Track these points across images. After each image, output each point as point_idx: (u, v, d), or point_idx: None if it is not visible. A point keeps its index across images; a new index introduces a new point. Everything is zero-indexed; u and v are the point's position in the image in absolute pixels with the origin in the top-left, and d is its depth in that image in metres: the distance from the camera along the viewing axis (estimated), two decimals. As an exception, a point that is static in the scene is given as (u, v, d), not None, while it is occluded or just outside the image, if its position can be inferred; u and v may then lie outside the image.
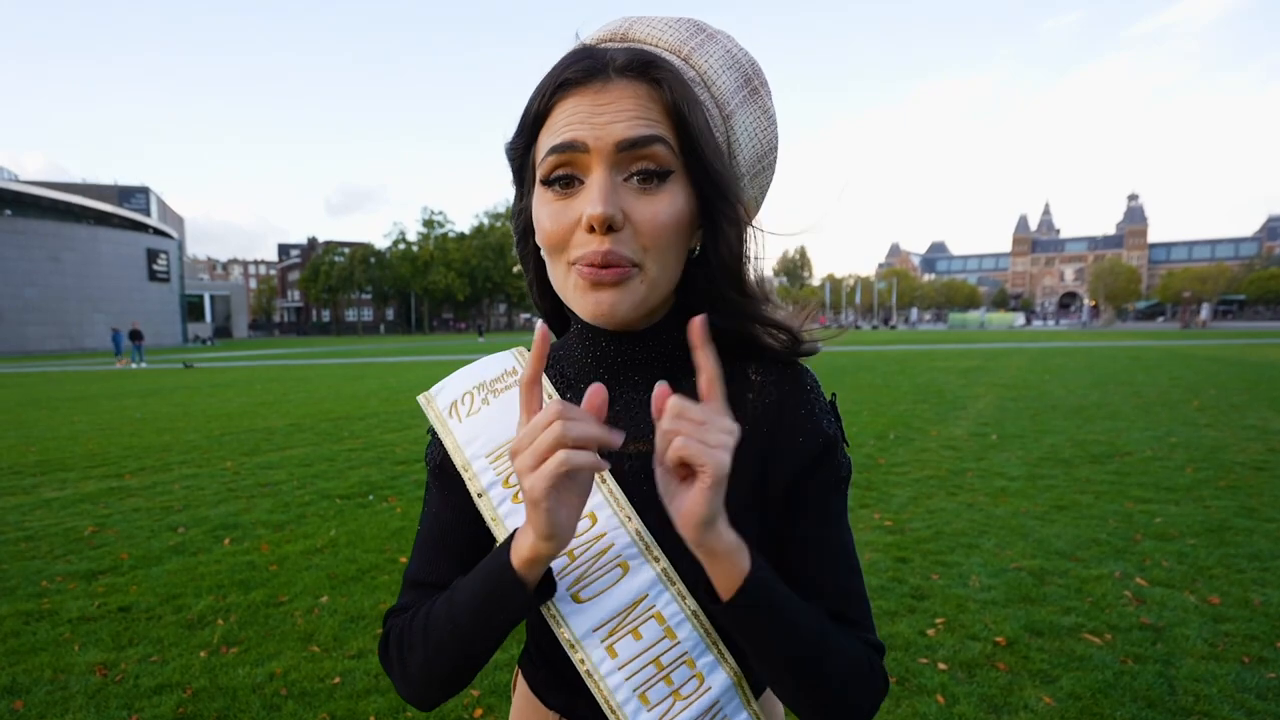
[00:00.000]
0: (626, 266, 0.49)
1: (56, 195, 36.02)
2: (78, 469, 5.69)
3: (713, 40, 0.55)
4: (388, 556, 3.49)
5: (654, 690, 0.54)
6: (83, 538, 3.88)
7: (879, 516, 4.00)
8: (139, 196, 50.85)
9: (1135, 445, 5.90)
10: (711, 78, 0.54)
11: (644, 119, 0.48)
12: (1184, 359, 16.05)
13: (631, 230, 0.49)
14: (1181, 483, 4.59)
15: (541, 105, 0.51)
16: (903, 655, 2.41)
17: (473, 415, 0.60)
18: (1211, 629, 2.54)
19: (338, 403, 9.97)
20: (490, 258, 65.99)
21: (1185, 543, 3.44)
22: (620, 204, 0.48)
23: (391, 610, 0.62)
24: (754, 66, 0.56)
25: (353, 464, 5.65)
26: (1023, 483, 4.72)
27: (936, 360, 16.99)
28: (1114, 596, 2.83)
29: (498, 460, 0.58)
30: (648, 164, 0.49)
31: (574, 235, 0.50)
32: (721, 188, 0.51)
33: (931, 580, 3.04)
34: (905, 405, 8.65)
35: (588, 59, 0.50)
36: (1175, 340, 25.96)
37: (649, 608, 0.54)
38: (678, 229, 0.51)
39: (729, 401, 0.55)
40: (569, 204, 0.50)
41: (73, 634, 2.69)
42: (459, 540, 0.60)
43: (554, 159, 0.49)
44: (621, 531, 0.55)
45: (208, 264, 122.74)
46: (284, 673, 2.36)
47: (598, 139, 0.48)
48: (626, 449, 0.57)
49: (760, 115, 0.56)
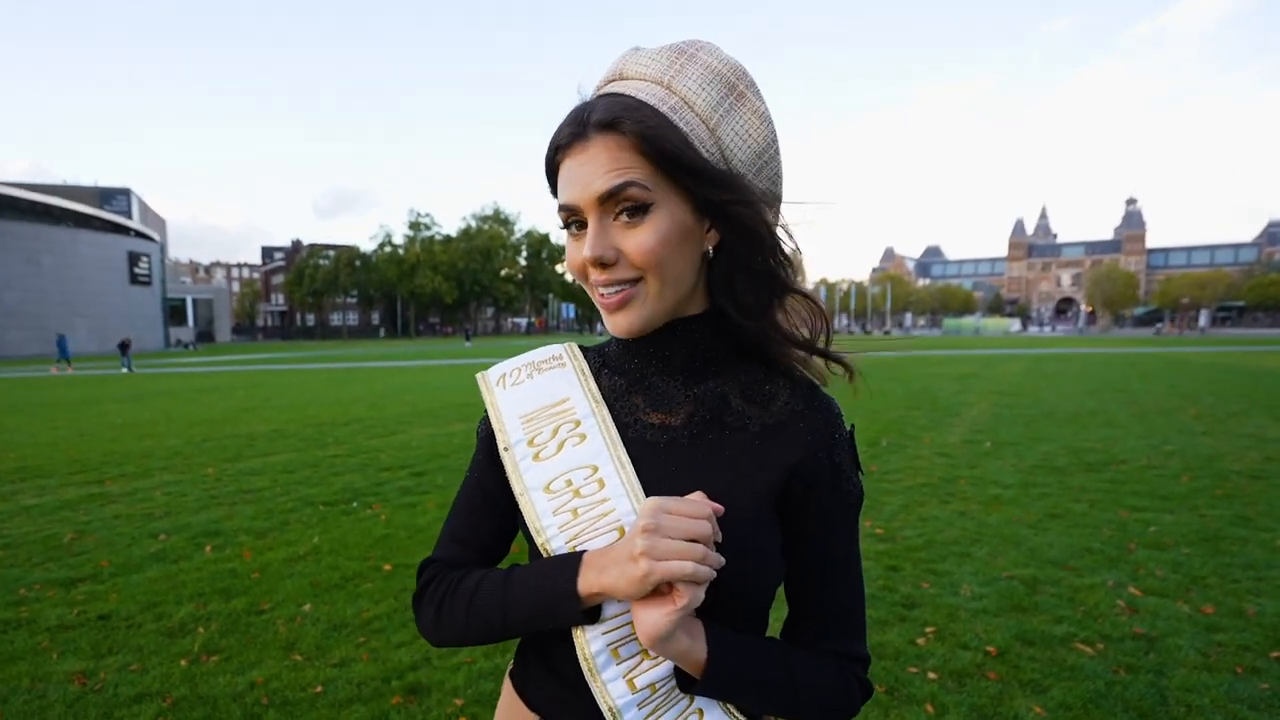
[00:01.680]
0: (628, 287, 0.60)
1: (35, 197, 35.76)
2: (58, 475, 5.68)
3: (692, 61, 0.60)
4: (371, 564, 3.50)
5: (625, 648, 0.60)
6: (62, 545, 3.87)
7: (870, 524, 4.05)
8: (120, 198, 50.59)
9: (1131, 453, 5.97)
10: (692, 98, 0.60)
11: (615, 170, 0.58)
12: (1181, 366, 16.25)
13: (625, 261, 0.60)
14: (1177, 491, 4.65)
15: (550, 167, 0.63)
16: (892, 664, 2.44)
17: (517, 385, 0.71)
18: (1205, 639, 2.57)
19: (321, 408, 9.96)
20: (478, 261, 65.95)
21: (1180, 552, 3.49)
22: (611, 242, 0.59)
23: (428, 560, 0.72)
24: (736, 72, 0.61)
25: (336, 470, 5.66)
26: (1016, 491, 4.78)
27: (930, 366, 17.14)
28: (1107, 606, 2.87)
29: (529, 422, 0.68)
30: (627, 203, 0.58)
31: (587, 268, 0.62)
32: (717, 188, 0.59)
33: (922, 589, 3.08)
34: (898, 412, 8.71)
35: (573, 124, 0.60)
36: (1154, 347, 26.22)
37: None
38: (667, 246, 0.59)
39: (759, 402, 0.66)
40: (579, 244, 0.62)
41: (51, 642, 2.69)
42: (496, 507, 0.70)
43: (564, 214, 0.62)
44: (624, 499, 0.62)
45: (190, 267, 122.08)
46: (265, 681, 2.37)
47: (584, 198, 0.59)
48: (652, 418, 0.66)
49: (750, 116, 0.61)
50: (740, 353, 0.67)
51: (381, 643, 2.65)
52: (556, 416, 0.67)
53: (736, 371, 0.67)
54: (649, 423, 0.66)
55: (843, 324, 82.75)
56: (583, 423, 0.66)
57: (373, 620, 2.85)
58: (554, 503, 0.63)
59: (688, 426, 0.65)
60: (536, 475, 0.65)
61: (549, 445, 0.66)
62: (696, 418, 0.65)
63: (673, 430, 0.65)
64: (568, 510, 0.62)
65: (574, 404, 0.67)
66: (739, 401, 0.65)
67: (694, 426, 0.65)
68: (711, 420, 0.65)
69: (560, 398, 0.68)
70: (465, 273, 65.77)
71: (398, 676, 2.40)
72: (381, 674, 2.42)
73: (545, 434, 0.66)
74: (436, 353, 29.67)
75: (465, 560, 0.71)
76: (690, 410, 0.65)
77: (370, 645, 2.64)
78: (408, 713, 2.20)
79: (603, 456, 0.64)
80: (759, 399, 0.66)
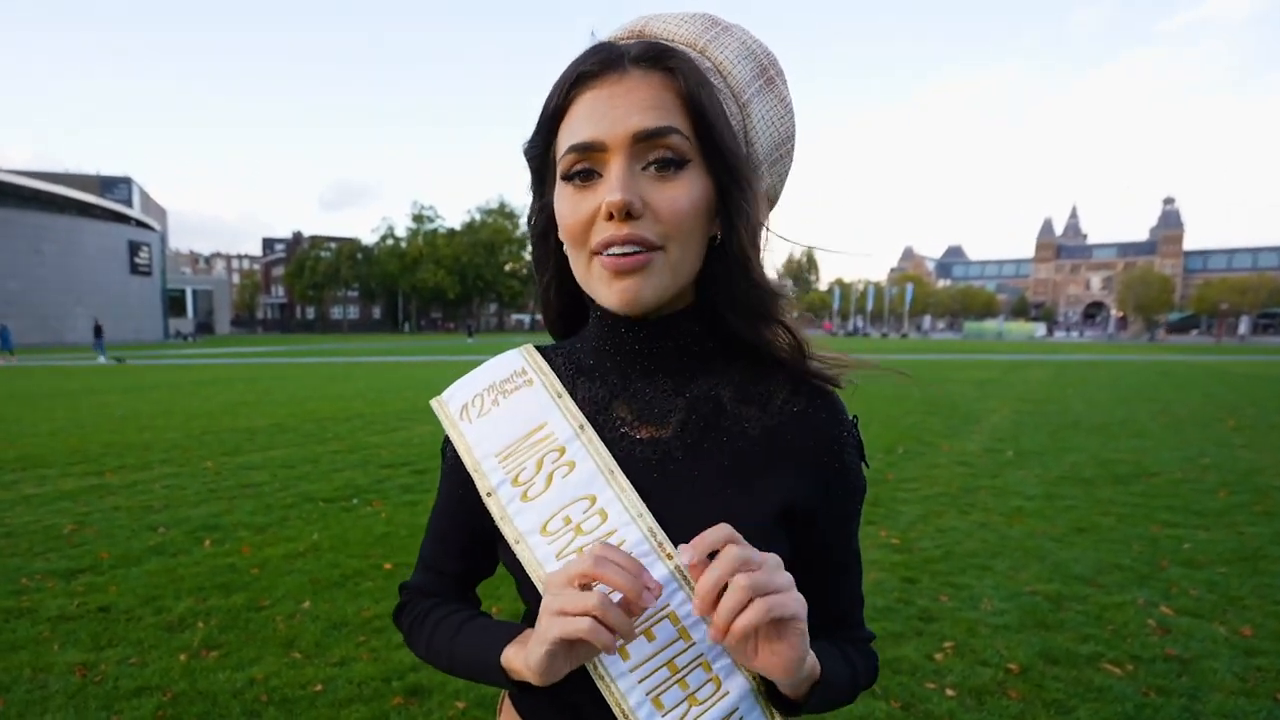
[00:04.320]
0: (648, 251, 0.53)
1: (39, 185, 36.47)
2: (58, 465, 5.79)
3: (728, 33, 0.59)
4: (372, 562, 3.55)
5: (668, 694, 0.55)
6: (62, 535, 3.96)
7: (885, 534, 4.03)
8: (121, 187, 51.41)
9: (1163, 466, 5.89)
10: (727, 68, 0.58)
11: (659, 109, 0.52)
12: (1219, 375, 15.99)
13: (651, 216, 0.53)
14: (1213, 507, 4.59)
15: (560, 100, 0.55)
16: (908, 679, 2.43)
17: (484, 416, 0.64)
18: (1243, 662, 2.53)
19: (322, 403, 10.06)
20: (481, 255, 66.05)
21: (1216, 570, 3.44)
22: (639, 191, 0.52)
23: (405, 584, 0.72)
24: (769, 57, 0.60)
25: (336, 466, 5.73)
26: (1040, 502, 4.74)
27: (950, 371, 16.97)
28: (1137, 625, 2.84)
29: (507, 459, 0.62)
30: (664, 153, 0.52)
31: (594, 224, 0.54)
32: (737, 174, 0.55)
33: (940, 602, 3.07)
34: (915, 418, 8.64)
35: (604, 52, 0.54)
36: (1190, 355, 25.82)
37: (662, 607, 0.55)
38: (695, 214, 0.54)
39: (756, 402, 0.62)
40: (589, 195, 0.54)
41: (52, 633, 2.76)
42: (462, 537, 0.67)
43: (573, 156, 0.54)
44: (632, 528, 0.57)
45: (190, 258, 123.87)
46: (265, 678, 2.42)
47: (614, 134, 0.52)
48: (639, 433, 0.61)
49: (777, 104, 0.60)
50: (730, 350, 0.62)
51: (382, 642, 2.69)
52: (537, 446, 0.61)
53: (728, 370, 0.63)
54: (637, 438, 0.61)
55: (858, 326, 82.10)
56: (567, 449, 0.60)
57: (373, 619, 2.89)
58: (555, 545, 0.58)
59: (680, 437, 0.60)
60: (529, 518, 0.59)
61: (536, 481, 0.60)
62: (689, 425, 0.60)
63: (665, 444, 0.60)
64: (572, 551, 0.57)
65: (553, 429, 0.61)
66: (734, 403, 0.61)
67: (688, 436, 0.60)
68: (706, 427, 0.60)
69: (536, 424, 0.62)
70: (468, 267, 65.92)
71: (398, 677, 2.44)
72: (382, 674, 2.46)
73: (529, 469, 0.61)
74: (438, 348, 29.87)
75: (438, 589, 0.69)
76: (682, 418, 0.60)
77: (371, 645, 2.67)
78: (408, 714, 2.24)
79: (598, 483, 0.59)
80: (755, 399, 0.62)
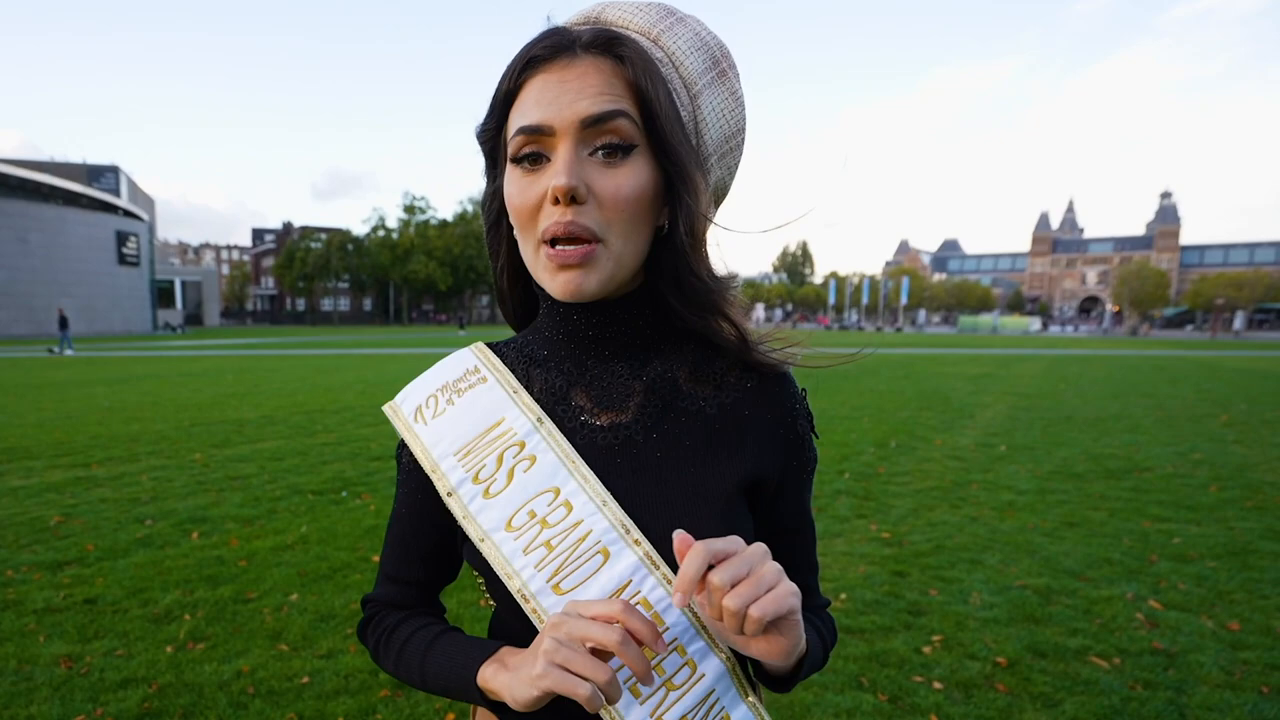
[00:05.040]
0: (591, 242, 0.54)
1: (25, 174, 35.99)
2: (44, 457, 5.77)
3: (681, 23, 0.59)
4: (360, 555, 3.56)
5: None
6: (48, 527, 3.95)
7: (876, 528, 4.06)
8: (108, 176, 50.87)
9: (1155, 461, 5.94)
10: (679, 58, 0.58)
11: (608, 94, 0.53)
12: (1213, 370, 16.10)
13: (595, 202, 0.53)
14: (1204, 502, 4.64)
15: (511, 84, 0.56)
16: (896, 673, 2.45)
17: (439, 417, 0.64)
18: (1229, 656, 2.57)
19: (311, 395, 10.04)
20: (474, 247, 65.66)
21: (1205, 565, 3.48)
22: (584, 177, 0.53)
23: (368, 597, 0.71)
24: (722, 49, 0.60)
25: (326, 459, 5.73)
26: (1031, 497, 4.78)
27: (944, 365, 17.05)
28: (1125, 619, 2.87)
29: (466, 458, 0.61)
30: (611, 138, 0.53)
31: (541, 209, 0.55)
32: (683, 164, 0.55)
33: (930, 596, 3.10)
34: (908, 412, 8.69)
35: (555, 36, 0.55)
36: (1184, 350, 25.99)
37: (634, 594, 0.56)
38: (640, 202, 0.55)
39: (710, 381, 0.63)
40: (536, 179, 0.55)
41: (38, 625, 2.77)
42: (424, 543, 0.67)
43: (522, 138, 0.54)
44: (599, 517, 0.57)
45: (179, 248, 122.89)
46: (251, 670, 2.43)
47: (563, 118, 0.53)
48: (599, 420, 0.62)
49: (728, 97, 0.60)
50: (681, 331, 0.64)
51: (371, 634, 2.70)
52: (497, 442, 0.61)
53: (681, 350, 0.64)
54: (597, 425, 0.62)
55: (851, 320, 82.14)
56: (527, 443, 0.61)
57: (361, 612, 2.90)
58: (521, 540, 0.58)
59: (640, 420, 0.61)
60: (492, 515, 0.59)
61: (498, 477, 0.60)
62: (648, 408, 0.61)
63: (625, 428, 0.61)
64: (540, 545, 0.57)
65: (511, 424, 0.62)
66: (689, 383, 0.63)
67: (647, 418, 0.61)
68: (665, 408, 0.62)
69: (494, 420, 0.62)
70: (460, 259, 65.70)
71: (387, 669, 2.45)
72: (369, 666, 2.47)
73: (490, 465, 0.61)
74: (430, 340, 29.79)
75: (402, 600, 0.69)
76: (640, 401, 0.61)
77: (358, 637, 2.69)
78: (395, 706, 2.25)
79: (561, 475, 0.59)
80: (710, 378, 0.63)
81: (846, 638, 2.71)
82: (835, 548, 3.69)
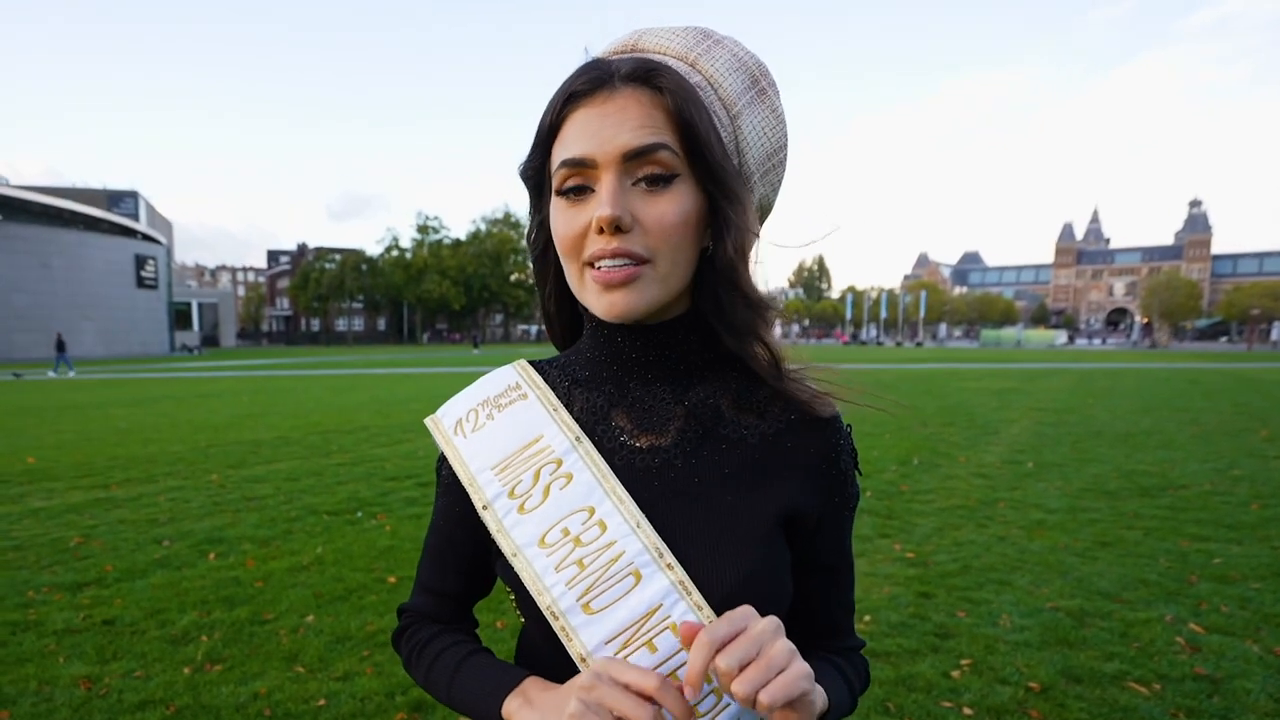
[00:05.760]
0: (637, 264, 0.56)
1: (47, 200, 37.23)
2: (64, 479, 5.91)
3: (719, 45, 0.61)
4: (376, 576, 3.59)
5: None
6: (69, 548, 4.04)
7: (899, 548, 4.01)
8: (128, 201, 52.29)
9: (1192, 478, 5.81)
10: (718, 81, 0.60)
11: (648, 127, 0.55)
12: (1250, 383, 15.73)
13: (640, 230, 0.56)
14: (1245, 520, 4.52)
15: (553, 119, 0.58)
16: (924, 698, 2.42)
17: (478, 430, 0.65)
18: (1277, 682, 2.50)
19: (326, 415, 10.17)
20: (487, 266, 66.54)
21: (1248, 586, 3.39)
22: (628, 206, 0.55)
23: (403, 606, 0.74)
24: (760, 68, 0.62)
25: (341, 479, 5.79)
26: (1062, 515, 4.70)
27: (967, 380, 16.87)
28: (1164, 643, 2.80)
29: (504, 472, 0.62)
30: (654, 169, 0.55)
31: (586, 238, 0.57)
32: (725, 187, 0.57)
33: (957, 618, 3.05)
34: (931, 428, 8.61)
35: (594, 70, 0.57)
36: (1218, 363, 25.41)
37: (664, 618, 0.55)
38: (684, 227, 0.56)
39: (753, 410, 0.63)
40: (581, 209, 0.57)
41: (58, 646, 2.82)
42: (460, 556, 0.69)
43: (566, 171, 0.57)
44: (633, 539, 0.58)
45: (196, 271, 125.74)
46: (268, 693, 2.46)
47: (605, 152, 0.55)
48: (638, 442, 0.63)
49: (768, 115, 0.62)
50: (726, 357, 0.64)
51: (385, 657, 2.72)
52: (534, 459, 0.62)
53: (726, 377, 0.65)
54: (636, 447, 0.62)
55: (870, 335, 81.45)
56: (565, 460, 0.61)
57: (377, 634, 2.92)
58: (553, 558, 0.58)
59: (680, 445, 0.62)
60: (526, 530, 0.60)
61: (534, 493, 0.61)
62: (689, 433, 0.62)
63: (664, 452, 0.62)
64: (571, 563, 0.58)
65: (549, 441, 0.63)
66: (732, 411, 0.63)
67: (687, 444, 0.62)
68: (705, 434, 0.62)
69: (533, 436, 0.63)
70: (474, 278, 66.46)
71: (402, 692, 2.46)
72: (385, 689, 2.49)
73: (527, 481, 0.61)
74: (444, 359, 30.06)
75: (436, 612, 0.71)
76: (681, 426, 0.62)
77: (374, 659, 2.71)
78: (411, 729, 2.26)
79: (596, 495, 0.60)
80: (753, 407, 0.64)
81: (871, 661, 2.65)
82: (858, 568, 3.61)
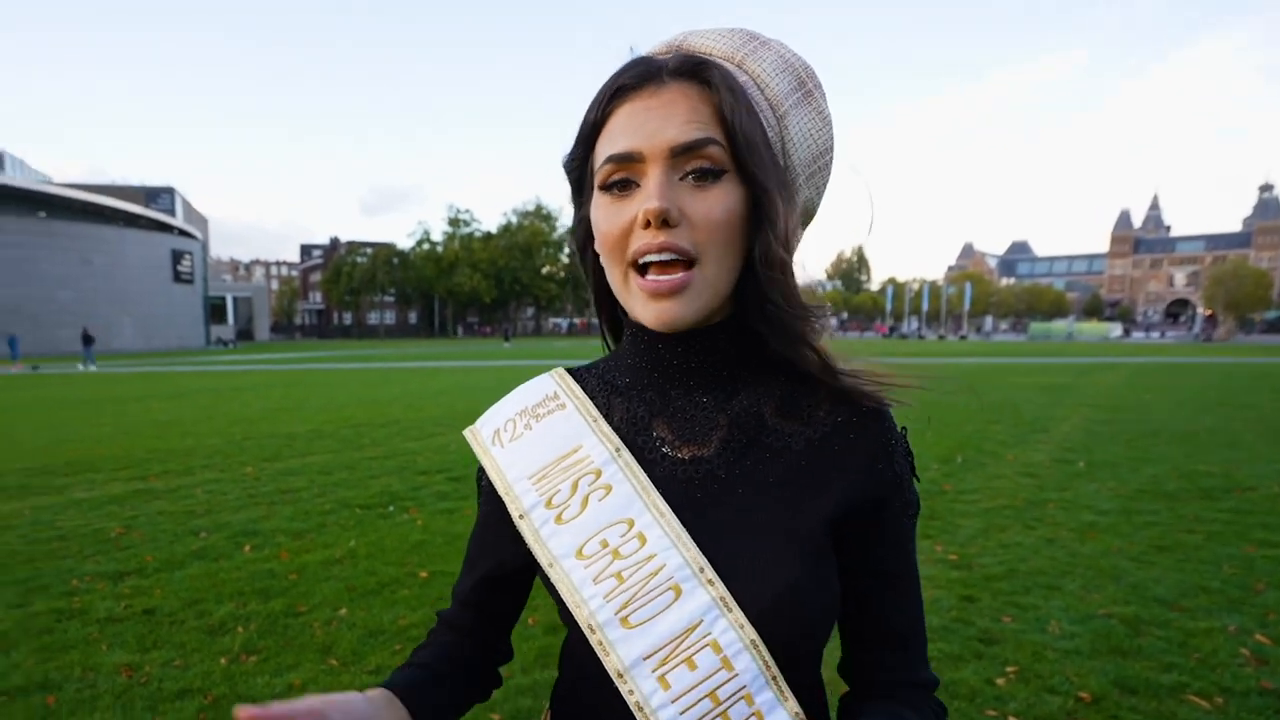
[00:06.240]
0: (686, 267, 0.55)
1: (88, 197, 38.82)
2: (105, 470, 6.13)
3: (765, 46, 0.61)
4: (408, 570, 3.62)
5: None
6: (110, 539, 4.18)
7: (942, 549, 3.92)
8: (165, 197, 54.07)
9: (1259, 479, 5.54)
10: (765, 81, 0.59)
11: (695, 121, 0.54)
12: (1321, 379, 14.99)
13: (688, 225, 0.55)
14: (1316, 524, 4.31)
15: (599, 114, 0.58)
16: (967, 705, 2.35)
17: (515, 440, 0.66)
18: (1348, 697, 2.37)
19: (359, 409, 10.37)
20: (518, 259, 67.08)
21: (1318, 595, 3.23)
22: (676, 200, 0.54)
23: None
24: (807, 70, 0.61)
25: (374, 473, 5.89)
26: (1115, 518, 4.53)
27: (1014, 375, 16.39)
28: (1227, 654, 2.69)
29: (541, 481, 0.62)
30: (702, 163, 0.55)
31: (631, 233, 0.56)
32: (773, 186, 0.56)
33: (1003, 623, 2.96)
34: (975, 425, 8.37)
35: (642, 65, 0.57)
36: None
37: (704, 635, 0.55)
38: (731, 225, 0.56)
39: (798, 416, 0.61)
40: (625, 204, 0.56)
41: (101, 634, 2.92)
42: (488, 565, 0.69)
43: (611, 166, 0.56)
44: (673, 553, 0.57)
45: (230, 265, 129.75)
46: (303, 685, 2.49)
47: (652, 146, 0.54)
48: (680, 452, 0.61)
49: (815, 116, 0.61)
50: (770, 362, 0.63)
51: (417, 651, 2.74)
52: (573, 469, 0.62)
53: (768, 383, 0.63)
54: (678, 458, 0.61)
55: (911, 327, 79.83)
56: (604, 471, 0.61)
57: (409, 628, 2.95)
58: (591, 569, 0.58)
59: (723, 455, 0.61)
60: (564, 541, 0.59)
61: (571, 504, 0.60)
62: (732, 443, 0.61)
63: (707, 463, 0.61)
64: (610, 575, 0.57)
65: (588, 451, 0.62)
66: (776, 418, 0.61)
67: (730, 453, 0.61)
68: (749, 443, 0.61)
69: (571, 446, 0.63)
70: (505, 271, 67.03)
71: (434, 687, 2.48)
72: (417, 683, 2.50)
73: (564, 491, 0.61)
74: (475, 353, 30.46)
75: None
76: (724, 435, 0.61)
77: (406, 653, 2.71)
78: (444, 724, 2.26)
79: (636, 507, 0.59)
80: (798, 413, 0.62)
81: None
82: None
